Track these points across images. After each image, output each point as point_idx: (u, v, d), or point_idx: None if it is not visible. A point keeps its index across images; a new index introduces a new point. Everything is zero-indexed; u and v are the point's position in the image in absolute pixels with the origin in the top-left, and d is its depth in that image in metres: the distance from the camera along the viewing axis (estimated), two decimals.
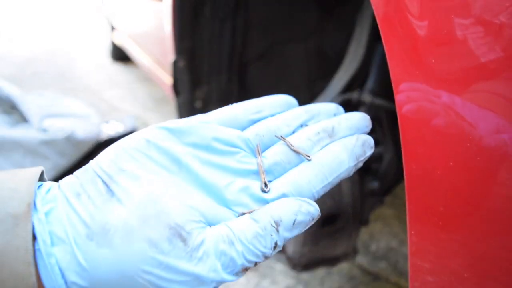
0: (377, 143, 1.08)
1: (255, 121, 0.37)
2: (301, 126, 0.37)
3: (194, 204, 0.31)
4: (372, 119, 1.16)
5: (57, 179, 1.56)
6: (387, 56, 0.44)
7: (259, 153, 0.34)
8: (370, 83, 1.04)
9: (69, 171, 1.66)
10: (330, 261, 0.96)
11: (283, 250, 0.92)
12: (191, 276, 0.29)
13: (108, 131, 1.99)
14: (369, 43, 1.03)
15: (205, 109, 1.37)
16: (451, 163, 0.41)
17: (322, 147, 0.36)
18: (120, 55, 3.48)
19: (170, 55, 1.32)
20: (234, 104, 0.37)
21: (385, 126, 1.03)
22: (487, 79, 0.37)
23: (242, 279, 1.18)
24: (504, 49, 0.36)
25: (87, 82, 3.08)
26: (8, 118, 1.75)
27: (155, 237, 0.28)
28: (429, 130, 0.43)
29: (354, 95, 1.03)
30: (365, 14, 1.02)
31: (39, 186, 0.31)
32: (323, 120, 0.38)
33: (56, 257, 0.28)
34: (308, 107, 0.38)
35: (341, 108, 0.39)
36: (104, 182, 0.30)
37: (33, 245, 0.27)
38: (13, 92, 1.74)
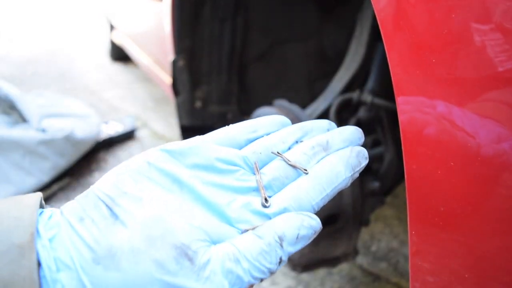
0: (377, 143, 1.08)
1: (251, 140, 0.38)
2: (296, 142, 0.38)
3: (198, 223, 0.31)
4: (372, 119, 1.16)
5: (56, 179, 1.55)
6: (387, 56, 0.45)
7: (257, 170, 0.35)
8: (370, 83, 1.04)
9: (69, 170, 1.66)
10: (331, 262, 0.96)
11: None
12: None
13: (107, 131, 1.99)
14: (370, 43, 1.03)
15: (205, 109, 1.37)
16: (452, 163, 0.41)
17: (318, 161, 0.37)
18: (119, 55, 3.48)
19: (169, 55, 1.32)
20: (230, 125, 0.38)
21: (385, 126, 1.03)
22: (486, 79, 0.37)
23: None
24: (503, 46, 0.36)
25: (87, 82, 3.08)
26: (7, 118, 1.74)
27: (162, 257, 0.29)
28: (429, 131, 0.42)
29: (354, 95, 1.03)
30: (366, 13, 1.02)
31: (41, 213, 0.31)
32: (317, 135, 0.39)
33: (62, 283, 0.28)
34: (301, 124, 0.40)
35: (333, 124, 0.41)
36: (107, 206, 0.30)
37: (39, 273, 0.27)
38: (12, 92, 1.74)
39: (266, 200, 0.33)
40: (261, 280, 0.31)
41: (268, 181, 0.34)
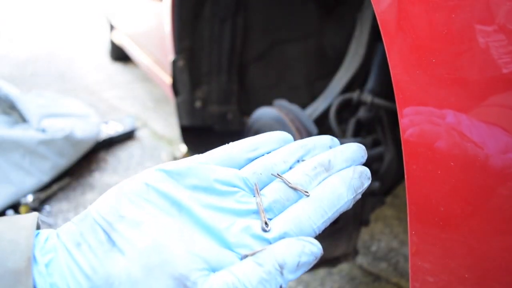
0: (377, 143, 1.08)
1: (251, 159, 0.37)
2: (298, 161, 0.38)
3: (197, 250, 0.31)
4: (372, 119, 1.16)
5: (56, 179, 1.54)
6: (387, 56, 0.44)
7: (257, 192, 0.35)
8: (370, 83, 1.04)
9: (69, 170, 1.66)
10: (331, 262, 0.96)
11: None
12: None
13: (107, 131, 1.99)
14: (370, 43, 1.03)
15: (205, 108, 1.37)
16: (452, 163, 0.41)
17: (320, 182, 0.36)
18: (119, 55, 3.48)
19: (169, 55, 1.32)
20: (230, 143, 0.38)
21: (385, 126, 1.03)
22: (487, 80, 0.37)
23: None
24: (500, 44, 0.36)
25: (87, 82, 3.08)
26: (7, 118, 1.74)
27: None
28: (429, 131, 0.42)
29: (354, 95, 1.02)
30: (366, 13, 1.02)
31: (37, 234, 0.30)
32: (319, 154, 0.38)
33: None
34: (303, 142, 0.39)
35: (336, 140, 0.40)
36: (104, 231, 0.30)
37: None
38: (12, 92, 1.74)
39: (266, 224, 0.33)
40: None
41: (268, 203, 0.34)
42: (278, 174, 0.36)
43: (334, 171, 0.36)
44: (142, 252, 0.29)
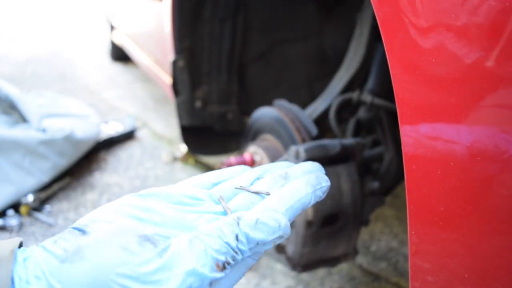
0: (377, 143, 1.08)
1: (216, 184, 0.41)
2: (258, 178, 0.42)
3: (165, 231, 0.34)
4: (372, 119, 1.16)
5: (56, 179, 1.54)
6: (387, 56, 0.45)
7: (222, 200, 0.38)
8: (370, 83, 1.04)
9: (69, 170, 1.66)
10: (330, 262, 0.96)
11: (283, 251, 0.92)
12: (164, 272, 0.30)
13: (107, 131, 1.99)
14: (370, 43, 1.03)
15: (205, 108, 1.37)
16: (452, 163, 0.41)
17: (280, 187, 0.40)
18: (119, 55, 3.47)
19: (169, 55, 1.32)
20: (197, 175, 0.42)
21: (385, 126, 1.03)
22: (485, 78, 0.37)
23: (242, 280, 1.17)
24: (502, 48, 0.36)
25: (87, 82, 3.08)
26: (7, 118, 1.74)
27: (126, 242, 0.30)
28: (429, 131, 0.42)
29: (354, 95, 1.02)
30: (366, 13, 1.02)
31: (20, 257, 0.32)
32: (277, 170, 0.43)
33: None
34: (263, 166, 0.44)
35: (292, 164, 0.44)
36: (79, 229, 0.32)
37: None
38: (13, 92, 1.74)
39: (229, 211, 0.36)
40: (228, 263, 0.32)
41: (234, 207, 0.37)
42: (240, 186, 0.39)
43: (292, 179, 0.40)
44: (111, 229, 0.32)
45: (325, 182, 0.40)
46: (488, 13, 0.37)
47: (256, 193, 0.38)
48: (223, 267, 0.32)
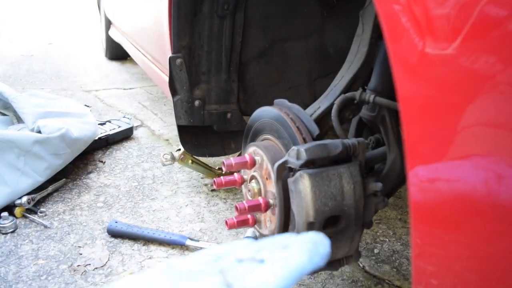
0: (380, 143, 1.06)
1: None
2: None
3: None
4: (375, 119, 1.15)
5: (52, 179, 1.52)
6: (389, 55, 0.45)
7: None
8: (372, 82, 1.02)
9: (65, 170, 1.63)
10: (332, 265, 0.94)
11: None
12: None
13: (104, 131, 1.97)
14: (372, 41, 1.01)
15: (203, 108, 1.35)
16: (455, 165, 0.41)
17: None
18: (116, 54, 3.46)
19: (168, 53, 1.30)
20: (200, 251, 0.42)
21: (388, 126, 1.02)
22: (485, 78, 0.37)
23: None
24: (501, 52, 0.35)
25: (83, 81, 3.06)
26: (2, 117, 1.72)
27: None
28: (431, 131, 0.41)
29: (356, 94, 1.01)
30: (368, 11, 1.00)
31: None
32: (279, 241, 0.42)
33: None
34: (265, 239, 0.43)
35: (294, 235, 0.43)
36: None
37: None
38: (7, 91, 1.71)
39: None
40: None
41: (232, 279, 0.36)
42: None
43: (291, 249, 0.39)
44: None
45: (324, 249, 0.39)
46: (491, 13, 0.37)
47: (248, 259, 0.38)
48: None
